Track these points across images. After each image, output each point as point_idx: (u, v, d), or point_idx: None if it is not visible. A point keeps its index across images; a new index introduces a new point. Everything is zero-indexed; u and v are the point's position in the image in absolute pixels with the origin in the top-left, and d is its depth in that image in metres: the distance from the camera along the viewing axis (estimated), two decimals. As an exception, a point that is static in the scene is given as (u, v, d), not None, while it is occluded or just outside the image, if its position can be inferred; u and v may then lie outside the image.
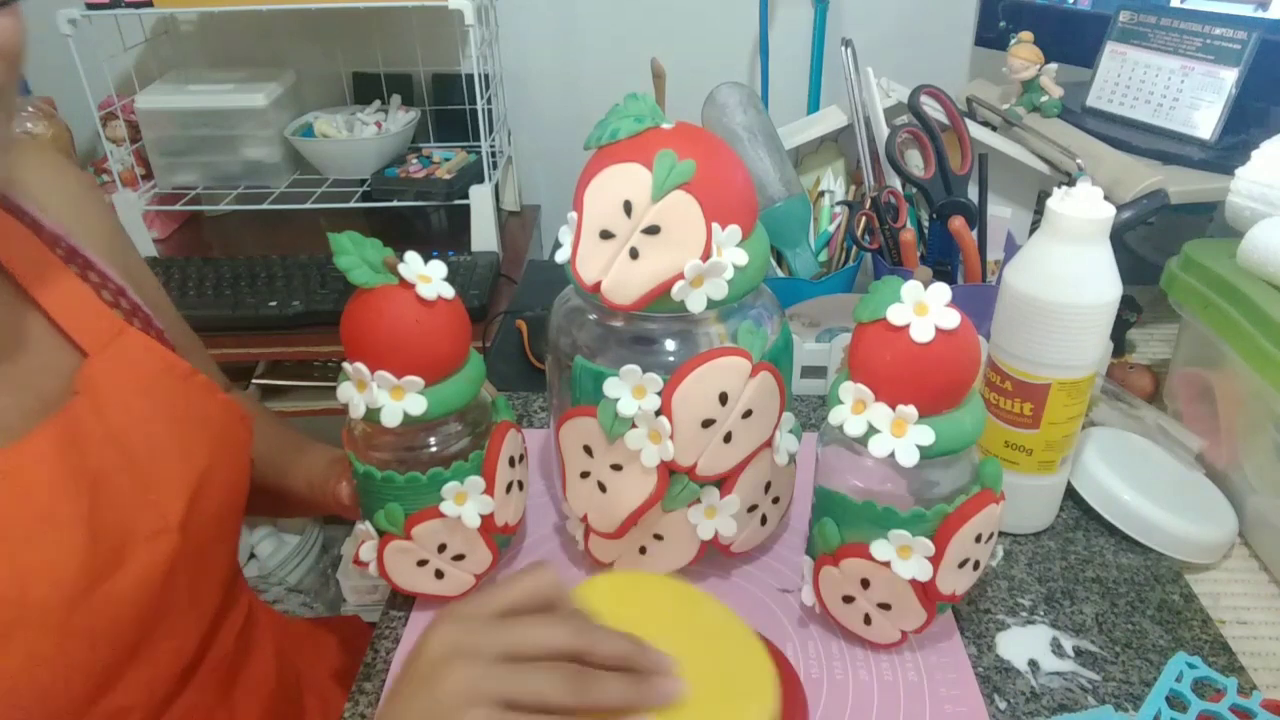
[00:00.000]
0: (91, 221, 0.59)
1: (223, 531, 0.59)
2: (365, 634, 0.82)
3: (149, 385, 0.54)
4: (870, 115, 0.89)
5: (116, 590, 0.49)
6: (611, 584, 0.50)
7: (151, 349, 0.55)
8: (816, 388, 0.84)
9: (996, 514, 0.54)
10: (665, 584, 0.51)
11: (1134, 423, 0.75)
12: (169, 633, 0.54)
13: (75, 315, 0.53)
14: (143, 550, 0.50)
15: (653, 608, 0.48)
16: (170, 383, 0.55)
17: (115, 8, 1.08)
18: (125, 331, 0.54)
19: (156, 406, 0.54)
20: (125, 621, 0.50)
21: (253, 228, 1.31)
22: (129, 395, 0.53)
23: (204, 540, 0.55)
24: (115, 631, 0.49)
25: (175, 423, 0.54)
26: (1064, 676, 0.57)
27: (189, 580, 0.54)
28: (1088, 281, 0.57)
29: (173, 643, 0.54)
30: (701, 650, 0.45)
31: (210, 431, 0.57)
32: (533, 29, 1.31)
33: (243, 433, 0.60)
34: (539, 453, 0.76)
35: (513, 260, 1.23)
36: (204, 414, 0.57)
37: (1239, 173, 0.71)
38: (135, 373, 0.54)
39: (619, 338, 0.57)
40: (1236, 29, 0.84)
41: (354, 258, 0.52)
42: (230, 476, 0.59)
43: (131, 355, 0.54)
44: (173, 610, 0.54)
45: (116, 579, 0.49)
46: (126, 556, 0.49)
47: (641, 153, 0.51)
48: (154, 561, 0.51)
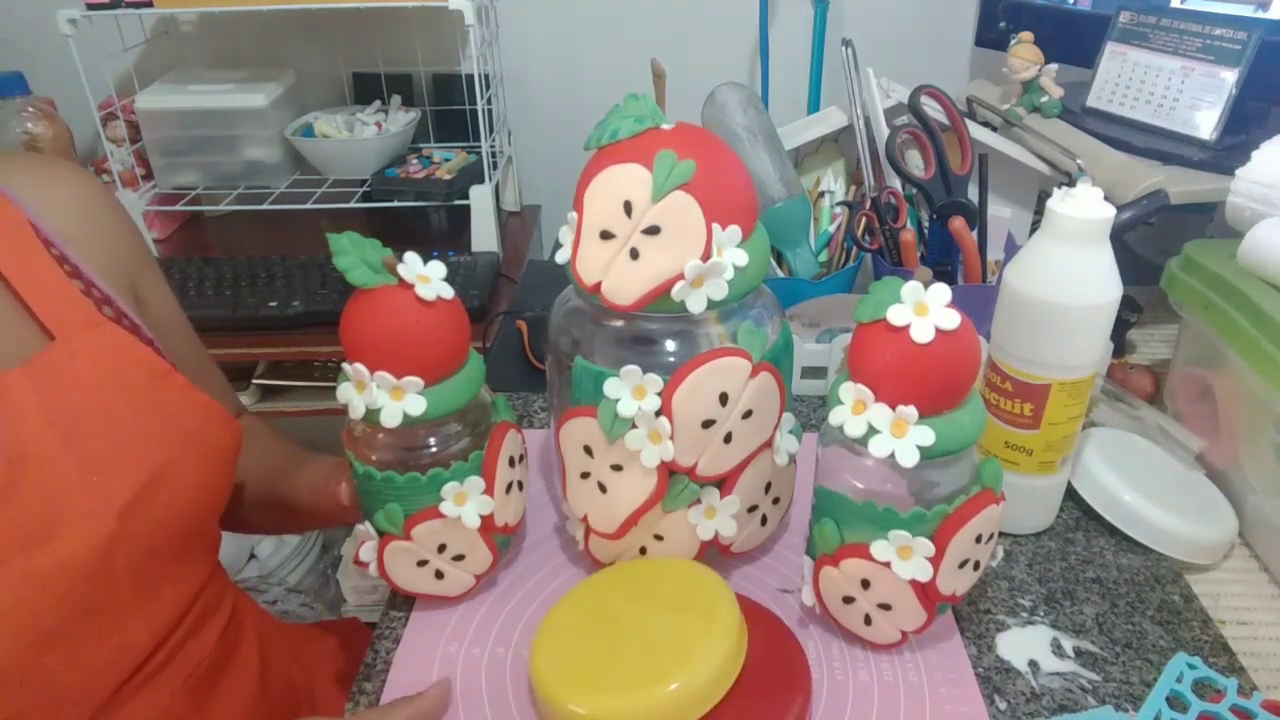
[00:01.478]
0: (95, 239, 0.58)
1: (183, 530, 0.57)
2: (365, 636, 0.82)
3: (115, 373, 0.53)
4: (870, 115, 0.89)
5: (39, 565, 0.48)
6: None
7: (128, 344, 0.55)
8: (816, 388, 0.84)
9: (996, 514, 0.54)
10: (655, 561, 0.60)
11: (1134, 423, 0.75)
12: (107, 628, 0.52)
13: (48, 300, 0.52)
14: (76, 528, 0.49)
15: (640, 576, 0.59)
16: (141, 377, 0.55)
17: (115, 8, 1.08)
18: (103, 324, 0.54)
19: (121, 396, 0.53)
20: (48, 603, 0.49)
21: (253, 228, 1.31)
22: (90, 378, 0.52)
23: (155, 535, 0.54)
24: (32, 611, 0.48)
25: (137, 413, 0.54)
26: (1064, 677, 0.57)
27: (132, 574, 0.53)
28: (1088, 281, 0.57)
29: (112, 639, 0.53)
30: (675, 599, 0.55)
31: (179, 428, 0.56)
32: (533, 29, 1.31)
33: (223, 436, 0.59)
34: (539, 453, 0.76)
35: (513, 260, 1.23)
36: (176, 411, 0.56)
37: (1239, 173, 0.71)
38: (103, 362, 0.53)
39: (619, 338, 0.57)
40: (1236, 29, 0.84)
41: (353, 258, 0.52)
42: (199, 476, 0.57)
43: (102, 346, 0.53)
44: (112, 604, 0.52)
45: (40, 553, 0.48)
46: (55, 534, 0.49)
47: (641, 153, 0.51)
48: (86, 542, 0.50)
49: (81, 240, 0.57)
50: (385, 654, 0.59)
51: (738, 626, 0.52)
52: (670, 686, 0.48)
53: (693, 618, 0.52)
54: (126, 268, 0.61)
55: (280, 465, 0.69)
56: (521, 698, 0.55)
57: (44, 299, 0.52)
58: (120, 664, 0.54)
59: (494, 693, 0.56)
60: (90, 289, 0.56)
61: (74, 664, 0.51)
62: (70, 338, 0.52)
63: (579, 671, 0.51)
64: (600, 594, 0.58)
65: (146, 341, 0.58)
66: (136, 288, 0.61)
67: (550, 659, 0.53)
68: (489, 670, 0.57)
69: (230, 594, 0.66)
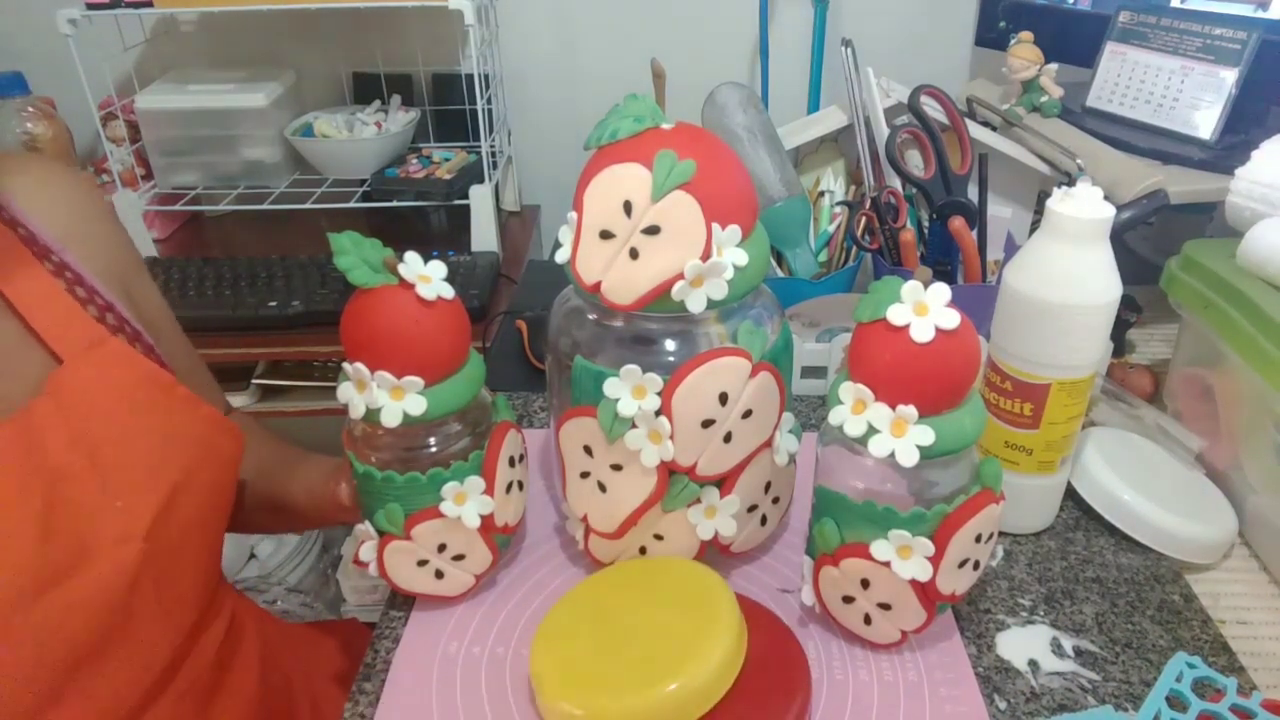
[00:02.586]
0: (92, 240, 0.58)
1: (198, 543, 0.58)
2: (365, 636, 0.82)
3: (125, 393, 0.53)
4: (870, 115, 0.89)
5: (73, 595, 0.48)
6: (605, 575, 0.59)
7: (132, 359, 0.55)
8: (816, 388, 0.84)
9: (996, 514, 0.54)
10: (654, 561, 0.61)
11: (1134, 423, 0.75)
12: (135, 645, 0.53)
13: (52, 322, 0.52)
14: (106, 556, 0.50)
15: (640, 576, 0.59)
16: (149, 393, 0.55)
17: (115, 8, 1.07)
18: (106, 341, 0.54)
19: (132, 415, 0.53)
20: (81, 629, 0.49)
21: (253, 228, 1.31)
22: (103, 401, 0.52)
23: (175, 551, 0.55)
24: (69, 639, 0.48)
25: (150, 432, 0.54)
26: (1064, 676, 0.57)
27: (157, 591, 0.53)
28: (1088, 281, 0.57)
29: (139, 656, 0.54)
30: (676, 599, 0.55)
31: (189, 443, 0.56)
32: (533, 29, 1.31)
33: (228, 446, 0.60)
34: (539, 453, 0.76)
35: (513, 260, 1.23)
36: (184, 425, 0.56)
37: (1239, 173, 0.71)
38: (111, 380, 0.53)
39: (619, 338, 0.57)
40: (1236, 29, 0.84)
41: (353, 258, 0.52)
42: (209, 489, 0.58)
43: (109, 363, 0.53)
44: (139, 621, 0.53)
45: (73, 583, 0.48)
46: (87, 561, 0.49)
47: (641, 153, 0.51)
48: (117, 569, 0.50)
49: (79, 242, 0.57)
50: (385, 654, 0.59)
51: (738, 626, 0.52)
52: (670, 686, 0.48)
53: (693, 618, 0.52)
54: (120, 268, 0.61)
55: (272, 465, 0.69)
56: (521, 698, 0.55)
57: (48, 321, 0.52)
58: (144, 677, 0.54)
59: (494, 693, 0.56)
60: (93, 297, 0.56)
61: (105, 681, 0.51)
62: (77, 360, 0.52)
63: (578, 671, 0.51)
64: (600, 594, 0.58)
65: (147, 349, 0.58)
66: (130, 289, 0.61)
67: (550, 659, 0.53)
68: (489, 670, 0.57)
69: (230, 597, 0.67)
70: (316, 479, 0.65)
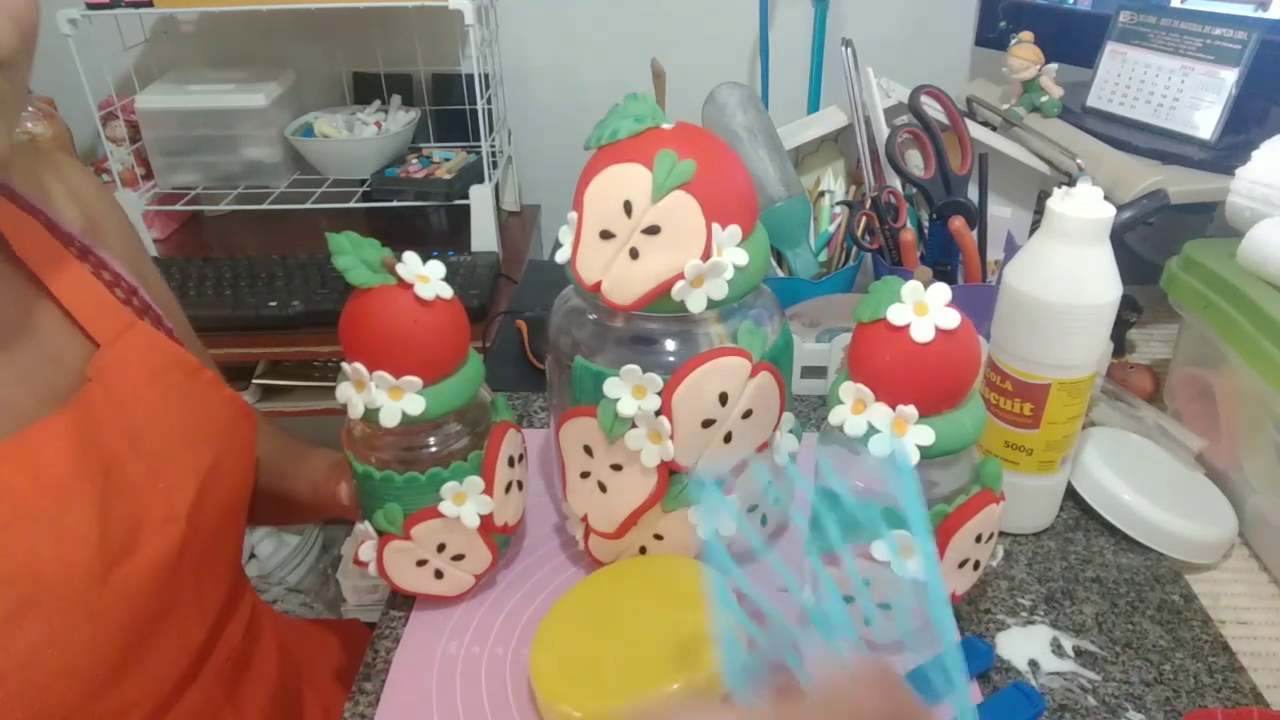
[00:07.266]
0: (107, 225, 0.59)
1: (228, 527, 0.59)
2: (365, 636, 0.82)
3: (158, 377, 0.54)
4: (870, 115, 0.89)
5: (129, 575, 0.49)
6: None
7: (161, 343, 0.56)
8: (816, 388, 0.84)
9: (996, 514, 0.54)
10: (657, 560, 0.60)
11: (1134, 423, 0.75)
12: (174, 627, 0.54)
13: (87, 306, 0.53)
14: (153, 537, 0.51)
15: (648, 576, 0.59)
16: (179, 376, 0.56)
17: (115, 8, 1.08)
18: (135, 325, 0.55)
19: (166, 398, 0.54)
20: (138, 608, 0.50)
21: (253, 228, 1.31)
22: (140, 386, 0.53)
23: (210, 533, 0.56)
24: (128, 618, 0.50)
25: (184, 415, 0.55)
26: (1064, 676, 0.57)
27: (195, 573, 0.55)
28: (1088, 281, 0.57)
29: (178, 638, 0.55)
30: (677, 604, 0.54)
31: (217, 426, 0.57)
32: (533, 29, 1.31)
33: (248, 429, 0.61)
34: (539, 453, 0.76)
35: (513, 260, 1.23)
36: (211, 409, 0.57)
37: (1239, 173, 0.71)
38: (145, 364, 0.54)
39: (619, 338, 0.56)
40: (1236, 29, 0.84)
41: (352, 258, 0.52)
42: (235, 472, 0.59)
43: (142, 347, 0.54)
44: (178, 603, 0.54)
45: (129, 564, 0.49)
46: (138, 543, 0.50)
47: (641, 153, 0.51)
48: (164, 549, 0.51)
49: (97, 228, 0.58)
50: (385, 654, 0.59)
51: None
52: (670, 686, 0.48)
53: (693, 617, 0.52)
54: (134, 254, 0.61)
55: (277, 456, 0.69)
56: (521, 698, 0.55)
57: (84, 306, 0.53)
58: (181, 661, 0.55)
59: (494, 693, 0.56)
60: (118, 280, 0.57)
61: (147, 665, 0.52)
62: (113, 343, 0.53)
63: (579, 671, 0.51)
64: (600, 593, 0.58)
65: (169, 335, 0.58)
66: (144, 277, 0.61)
67: (550, 659, 0.53)
68: (489, 670, 0.57)
69: (248, 588, 0.67)
70: (319, 474, 0.66)
